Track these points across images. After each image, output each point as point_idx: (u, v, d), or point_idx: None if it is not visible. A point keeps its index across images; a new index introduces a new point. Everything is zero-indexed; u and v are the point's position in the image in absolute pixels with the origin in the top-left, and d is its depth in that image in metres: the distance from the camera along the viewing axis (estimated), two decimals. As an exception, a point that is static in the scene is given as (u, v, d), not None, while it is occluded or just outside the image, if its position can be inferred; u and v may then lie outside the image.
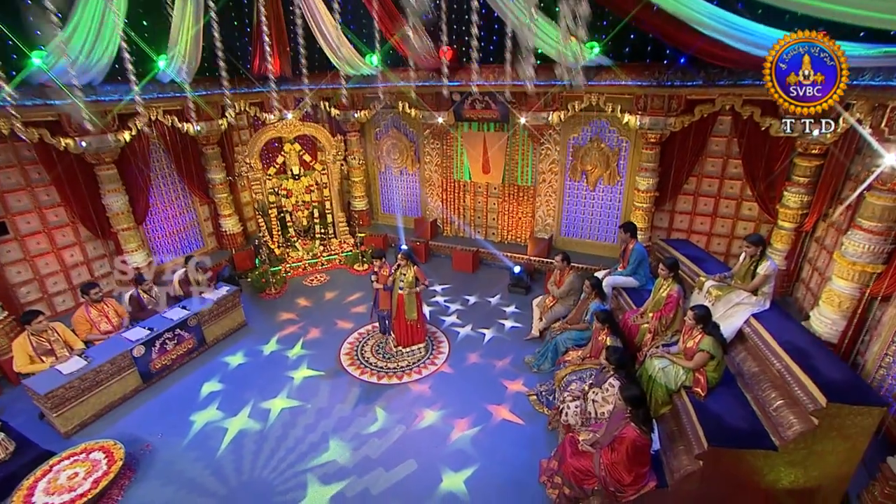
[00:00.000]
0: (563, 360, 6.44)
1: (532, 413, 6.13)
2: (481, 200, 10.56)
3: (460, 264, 10.04)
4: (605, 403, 5.16)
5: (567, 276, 7.26)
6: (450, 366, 7.08)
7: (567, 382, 5.86)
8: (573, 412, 5.35)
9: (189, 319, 7.12)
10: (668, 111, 7.91)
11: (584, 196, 9.57)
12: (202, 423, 6.01)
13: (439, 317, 8.31)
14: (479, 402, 6.31)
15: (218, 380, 6.76)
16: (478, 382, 6.70)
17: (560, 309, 7.32)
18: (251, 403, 6.34)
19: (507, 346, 7.49)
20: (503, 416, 6.09)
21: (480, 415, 6.10)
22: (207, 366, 7.11)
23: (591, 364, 5.98)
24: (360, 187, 11.17)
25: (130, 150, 8.26)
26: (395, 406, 6.27)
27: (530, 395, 6.45)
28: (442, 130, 10.06)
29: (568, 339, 6.71)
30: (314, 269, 10.00)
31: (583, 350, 6.31)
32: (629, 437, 4.29)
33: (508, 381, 6.73)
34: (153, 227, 9.11)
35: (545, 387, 6.45)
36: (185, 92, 8.61)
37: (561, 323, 7.06)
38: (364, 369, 7.02)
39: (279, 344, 7.62)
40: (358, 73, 9.61)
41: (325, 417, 6.10)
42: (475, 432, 5.82)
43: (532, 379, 6.73)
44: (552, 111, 8.85)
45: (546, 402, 6.25)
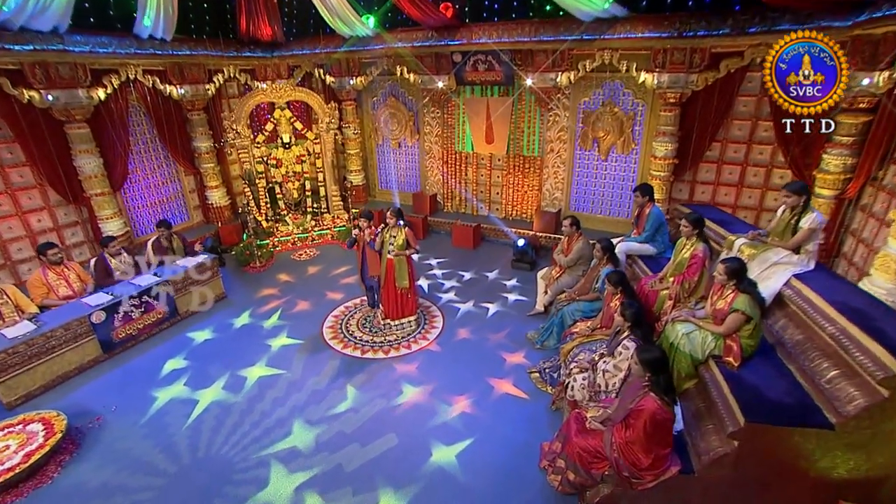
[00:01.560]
0: (569, 333, 5.63)
1: (534, 392, 5.34)
2: (484, 173, 9.79)
3: (461, 240, 9.27)
4: (618, 372, 4.36)
5: (576, 243, 6.46)
6: (444, 341, 6.31)
7: (574, 355, 5.07)
8: (580, 385, 4.55)
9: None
10: (689, 67, 7.06)
11: (596, 166, 8.75)
12: (166, 398, 5.30)
13: (436, 293, 7.54)
14: (473, 379, 5.55)
15: (183, 357, 6.02)
16: (473, 358, 5.93)
17: (567, 279, 6.51)
18: (223, 377, 5.63)
19: (508, 322, 6.71)
20: (502, 390, 5.34)
21: (475, 391, 5.33)
22: (176, 339, 6.42)
23: (601, 335, 5.18)
24: (355, 160, 10.45)
25: (107, 110, 7.65)
26: (378, 381, 5.52)
27: (532, 372, 5.66)
28: (442, 97, 9.31)
29: (576, 310, 5.91)
30: (304, 244, 9.29)
31: (592, 321, 5.50)
32: (648, 409, 3.49)
33: (508, 354, 5.97)
34: (132, 196, 8.48)
35: (549, 363, 5.65)
36: (167, 50, 8.04)
37: (568, 293, 6.25)
38: (347, 343, 6.28)
39: (252, 317, 6.91)
40: (353, 33, 8.92)
41: (296, 391, 5.37)
42: (468, 408, 5.07)
43: (535, 356, 5.94)
44: (561, 72, 8.05)
45: (550, 379, 5.46)
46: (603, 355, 4.64)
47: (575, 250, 6.44)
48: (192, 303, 6.99)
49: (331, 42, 9.31)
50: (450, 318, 6.84)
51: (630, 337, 4.35)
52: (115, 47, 7.41)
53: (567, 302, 6.11)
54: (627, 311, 4.36)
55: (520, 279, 7.97)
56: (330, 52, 9.33)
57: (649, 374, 3.55)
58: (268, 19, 9.16)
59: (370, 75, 9.55)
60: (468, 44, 8.27)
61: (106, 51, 7.28)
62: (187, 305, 6.92)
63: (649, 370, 3.55)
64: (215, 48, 8.78)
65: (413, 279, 6.41)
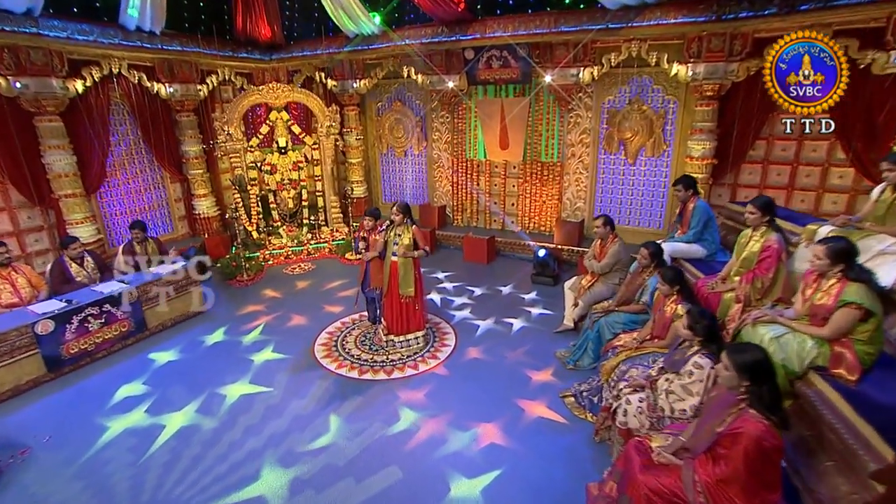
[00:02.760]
0: (611, 347, 4.65)
1: (570, 418, 4.34)
2: (498, 182, 9.00)
3: (473, 254, 8.37)
4: (687, 396, 3.37)
5: (611, 246, 5.56)
6: (457, 360, 5.34)
7: (621, 373, 4.08)
8: (636, 409, 3.57)
9: (126, 295, 5.56)
10: (729, 55, 6.36)
11: (623, 171, 7.95)
12: (119, 429, 4.30)
13: (448, 311, 6.59)
14: (497, 400, 4.58)
15: (142, 381, 5.01)
16: (494, 377, 4.96)
17: (601, 289, 5.57)
18: (192, 401, 4.65)
19: (531, 340, 5.75)
20: (535, 413, 4.38)
21: (500, 415, 4.34)
22: (139, 359, 5.45)
23: (653, 348, 4.21)
24: (357, 170, 9.69)
25: (84, 104, 6.96)
26: (377, 406, 4.53)
27: (565, 396, 4.66)
28: (453, 99, 8.63)
29: (615, 322, 4.94)
30: (298, 257, 8.42)
31: (640, 331, 4.54)
32: (749, 433, 2.50)
33: (533, 372, 5.01)
34: (110, 202, 7.69)
35: (586, 385, 4.66)
36: (156, 44, 7.45)
37: (607, 303, 5.30)
38: (343, 362, 5.31)
39: (228, 334, 5.97)
40: (358, 31, 8.35)
41: (276, 416, 4.38)
42: (493, 435, 4.08)
43: (566, 377, 4.96)
44: (583, 67, 7.38)
45: (588, 405, 4.45)
46: (664, 370, 3.67)
47: (610, 254, 5.53)
48: (193, 304, 6.27)
49: (333, 43, 8.74)
50: (464, 335, 5.88)
51: (702, 353, 3.39)
52: (98, 36, 6.80)
53: (604, 313, 5.15)
54: (698, 324, 3.40)
55: (540, 293, 7.04)
56: (333, 53, 8.74)
57: (747, 384, 2.59)
58: (267, 18, 8.64)
59: (375, 77, 8.92)
60: (482, 38, 7.65)
61: (86, 39, 6.65)
62: (158, 319, 6.00)
63: (747, 377, 2.59)
64: (210, 47, 8.20)
65: (421, 287, 5.48)
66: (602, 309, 5.24)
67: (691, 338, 3.45)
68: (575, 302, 5.91)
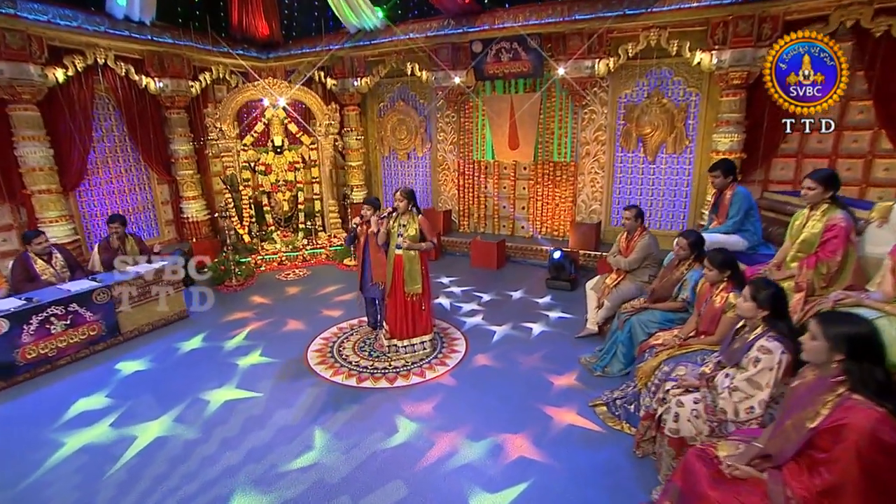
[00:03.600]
0: (647, 348, 4.09)
1: (598, 436, 3.74)
2: (507, 185, 8.54)
3: (482, 259, 7.84)
4: (755, 390, 2.80)
5: (640, 239, 5.04)
6: (466, 368, 4.77)
7: (665, 374, 3.52)
8: (689, 413, 2.99)
9: (98, 295, 5.02)
10: (758, 39, 5.99)
11: (642, 170, 7.50)
12: (76, 445, 3.71)
13: (459, 318, 6.02)
14: (519, 407, 4.01)
15: (105, 394, 4.37)
16: (513, 384, 4.39)
17: (630, 287, 5.03)
18: (164, 414, 4.08)
19: (550, 345, 5.19)
20: (564, 421, 3.83)
21: (522, 423, 3.77)
22: (106, 367, 4.85)
23: (700, 345, 3.65)
24: (357, 174, 9.24)
25: (66, 95, 6.56)
26: (377, 416, 3.95)
27: (596, 405, 4.08)
28: (459, 97, 8.26)
29: (650, 321, 4.38)
30: (293, 263, 7.90)
31: (682, 328, 3.98)
32: (858, 424, 1.96)
33: (555, 377, 4.44)
34: (90, 202, 7.21)
35: (619, 393, 4.08)
36: (145, 34, 7.11)
37: (638, 301, 4.75)
38: (339, 369, 4.74)
39: (207, 341, 5.40)
40: (360, 25, 8.04)
41: (258, 428, 3.79)
42: (516, 446, 3.50)
43: (594, 384, 4.39)
44: (598, 59, 7.01)
45: (624, 414, 3.87)
46: (721, 365, 3.11)
47: (639, 248, 5.01)
48: (175, 308, 5.77)
49: (334, 39, 8.42)
50: (477, 341, 5.31)
51: (769, 334, 2.84)
52: (82, 22, 6.44)
53: (635, 311, 4.60)
54: (762, 292, 2.87)
55: (557, 297, 6.50)
56: (333, 50, 8.41)
57: (841, 358, 2.06)
58: (264, 15, 8.34)
59: (377, 75, 8.56)
60: (490, 30, 7.31)
61: (68, 24, 6.30)
62: (134, 323, 5.45)
63: (844, 351, 2.05)
64: (203, 42, 7.86)
65: (428, 284, 4.95)
66: (633, 307, 4.69)
67: (754, 313, 2.90)
68: (599, 303, 5.36)
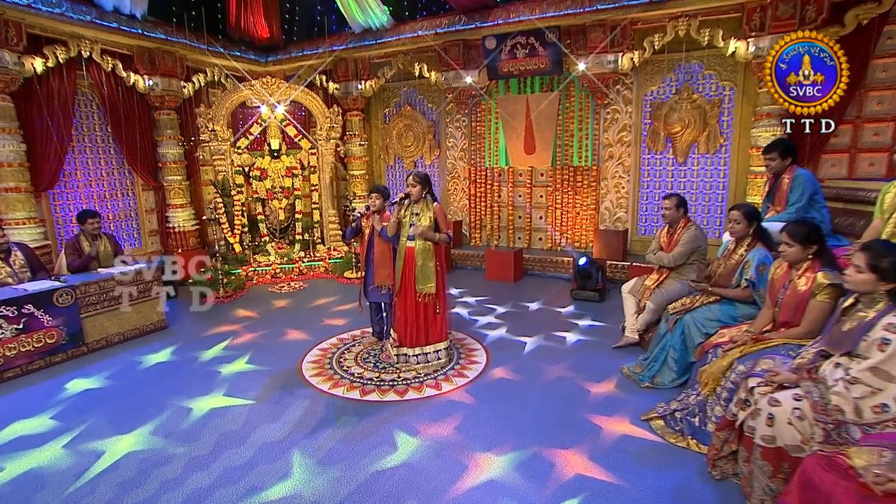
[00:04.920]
0: (710, 347, 3.47)
1: (663, 450, 3.11)
2: (523, 192, 8.08)
3: (497, 271, 7.28)
4: (886, 382, 2.21)
5: (684, 231, 4.50)
6: (487, 381, 4.15)
7: (742, 373, 2.91)
8: (791, 414, 2.38)
9: (60, 297, 4.45)
10: (801, 23, 5.63)
11: (671, 173, 7.04)
12: (14, 472, 3.07)
13: (478, 330, 5.43)
14: (555, 427, 3.37)
15: (50, 416, 3.67)
16: (542, 400, 3.77)
17: (676, 286, 4.46)
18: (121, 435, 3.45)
19: (582, 357, 4.59)
20: (616, 431, 3.21)
21: (562, 436, 3.14)
22: (57, 381, 4.21)
23: (782, 339, 3.05)
24: (360, 184, 8.79)
25: (44, 88, 6.21)
26: (384, 432, 3.32)
27: (651, 418, 3.45)
28: (470, 99, 7.91)
29: (707, 319, 3.79)
30: (288, 276, 7.33)
31: (754, 322, 3.38)
32: None
33: (592, 385, 3.81)
34: (65, 205, 6.73)
35: (678, 404, 3.45)
36: (135, 28, 6.81)
37: (689, 299, 4.16)
38: (339, 381, 4.12)
39: (177, 354, 4.77)
40: (366, 23, 7.77)
41: (236, 444, 3.16)
42: (564, 470, 2.86)
43: (638, 394, 3.77)
44: (622, 53, 6.68)
45: (688, 428, 3.23)
46: (825, 354, 2.52)
47: (684, 241, 4.47)
48: (152, 316, 5.21)
49: (337, 41, 8.15)
50: (500, 353, 4.70)
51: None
52: (66, 10, 6.13)
53: (685, 310, 4.01)
54: (884, 260, 2.31)
55: (582, 308, 5.92)
56: (336, 51, 8.12)
57: None
58: (265, 15, 8.10)
59: (382, 78, 8.24)
60: (505, 24, 7.01)
61: (50, 11, 5.97)
62: (102, 332, 4.85)
63: None
64: (199, 41, 7.57)
65: (444, 283, 4.38)
66: (683, 305, 4.11)
67: (873, 286, 2.33)
68: (638, 308, 4.78)
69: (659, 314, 4.48)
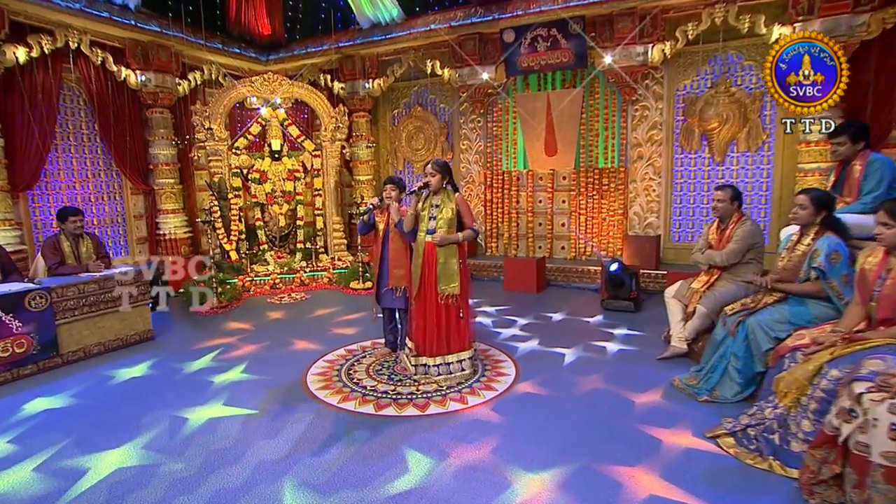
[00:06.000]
0: (786, 351, 3.11)
1: (739, 470, 2.73)
2: (544, 198, 7.79)
3: (518, 281, 6.92)
4: None
5: (739, 226, 4.17)
6: (516, 394, 3.78)
7: (834, 382, 2.55)
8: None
9: (33, 301, 4.13)
10: (856, 4, 5.45)
11: (708, 173, 6.77)
12: None
13: (506, 343, 5.07)
14: (604, 443, 3.01)
15: (8, 439, 3.24)
16: (586, 413, 3.42)
17: (730, 287, 4.10)
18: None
19: (619, 368, 4.23)
20: (679, 444, 2.85)
21: (631, 460, 2.79)
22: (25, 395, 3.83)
23: (882, 338, 2.68)
24: (366, 190, 8.51)
25: (26, 79, 6.01)
26: (407, 450, 2.95)
27: (719, 435, 3.06)
28: (486, 98, 7.69)
29: (776, 320, 3.42)
30: (288, 287, 7.00)
31: (839, 321, 3.02)
32: None
33: (637, 395, 3.49)
34: (45, 207, 6.46)
35: (749, 419, 3.07)
36: (128, 19, 6.66)
37: (750, 299, 3.79)
38: (350, 394, 3.75)
39: (155, 368, 4.39)
40: (375, 17, 7.62)
41: (230, 462, 2.78)
42: (635, 490, 2.51)
43: (692, 406, 3.41)
44: (652, 44, 6.47)
45: (767, 447, 2.84)
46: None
47: (738, 237, 4.12)
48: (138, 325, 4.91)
49: (343, 37, 8.00)
50: (530, 364, 4.33)
51: None
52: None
53: (749, 311, 3.65)
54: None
55: (610, 318, 5.57)
56: (343, 48, 7.95)
57: None
58: (267, 10, 7.97)
59: (391, 76, 8.06)
60: (525, 15, 6.83)
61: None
62: (80, 341, 4.50)
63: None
64: (196, 36, 7.40)
65: (468, 283, 4.05)
66: (744, 306, 3.74)
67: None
68: (685, 315, 4.42)
69: (712, 319, 4.12)
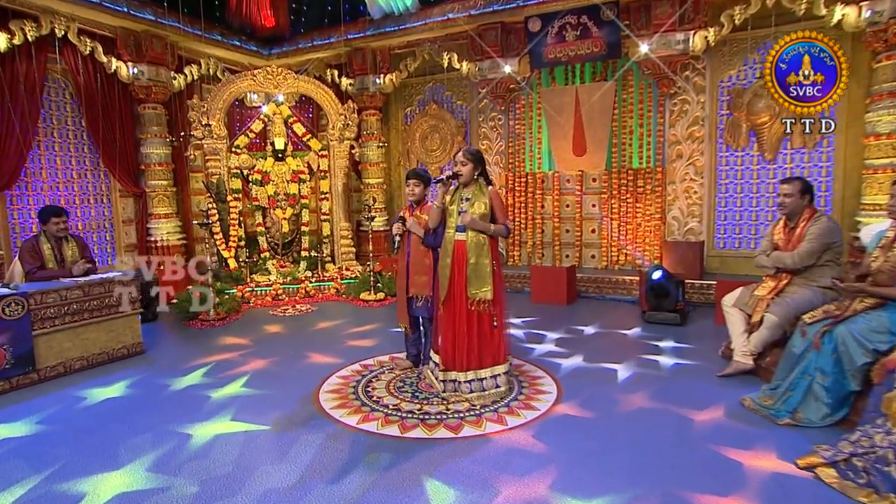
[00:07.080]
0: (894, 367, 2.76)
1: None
2: (571, 202, 7.49)
3: (546, 293, 6.57)
4: None
5: (812, 223, 3.84)
6: (560, 414, 3.44)
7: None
8: None
9: (3, 306, 3.82)
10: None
11: (757, 173, 6.48)
12: None
13: (545, 359, 4.72)
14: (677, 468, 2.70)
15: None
16: (645, 434, 3.10)
17: (805, 293, 3.76)
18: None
19: (673, 385, 3.90)
20: (760, 473, 2.57)
21: (705, 487, 2.48)
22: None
23: None
24: (378, 194, 8.19)
25: (7, 69, 5.84)
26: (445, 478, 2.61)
27: (815, 465, 2.70)
28: (508, 93, 7.45)
29: (874, 329, 3.07)
30: (292, 298, 6.68)
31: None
32: None
33: (696, 413, 3.21)
34: (25, 208, 6.24)
35: (852, 447, 2.70)
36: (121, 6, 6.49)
37: (834, 305, 3.45)
38: (370, 414, 3.41)
39: (134, 388, 4.03)
40: (389, 7, 7.43)
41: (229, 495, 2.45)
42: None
43: (782, 433, 3.06)
44: (693, 31, 6.22)
45: (884, 482, 2.47)
46: None
47: (813, 235, 3.80)
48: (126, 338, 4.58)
49: (352, 29, 7.81)
50: (574, 382, 3.99)
51: None
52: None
53: (836, 320, 3.30)
54: None
55: (650, 331, 5.22)
56: (352, 39, 7.75)
57: None
58: (270, 1, 7.79)
59: (404, 71, 7.84)
60: (552, 1, 6.61)
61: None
62: (61, 355, 4.19)
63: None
64: (193, 26, 7.21)
65: (501, 286, 3.74)
66: (827, 313, 3.39)
67: None
68: (748, 327, 4.08)
69: (784, 330, 3.78)
